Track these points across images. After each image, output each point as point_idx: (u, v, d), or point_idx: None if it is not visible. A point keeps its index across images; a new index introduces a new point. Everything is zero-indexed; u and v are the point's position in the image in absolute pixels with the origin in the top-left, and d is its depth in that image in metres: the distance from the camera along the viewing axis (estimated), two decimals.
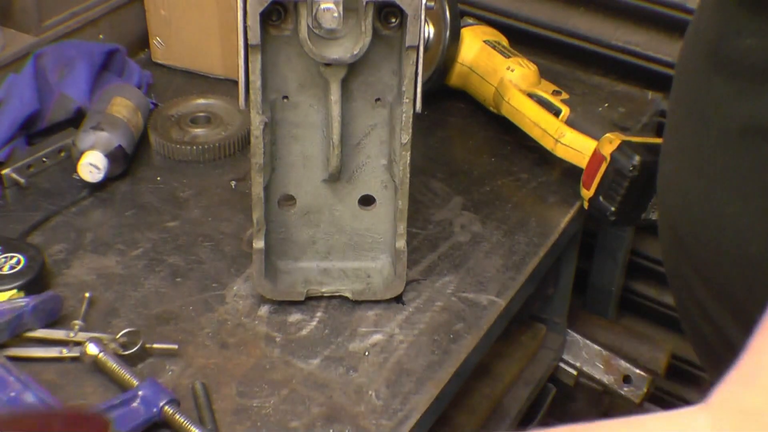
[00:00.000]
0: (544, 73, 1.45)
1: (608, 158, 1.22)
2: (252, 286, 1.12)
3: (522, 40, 1.59)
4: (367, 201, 1.12)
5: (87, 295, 1.09)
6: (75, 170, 1.27)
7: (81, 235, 1.22)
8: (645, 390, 1.59)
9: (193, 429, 0.94)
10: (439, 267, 1.20)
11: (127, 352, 1.03)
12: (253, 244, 1.08)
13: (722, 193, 0.74)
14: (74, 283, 1.14)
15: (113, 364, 1.00)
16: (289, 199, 1.11)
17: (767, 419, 0.50)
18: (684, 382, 1.76)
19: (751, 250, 0.71)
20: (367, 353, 1.07)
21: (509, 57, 1.43)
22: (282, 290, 1.11)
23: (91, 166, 1.26)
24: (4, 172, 1.28)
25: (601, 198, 1.25)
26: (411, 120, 1.02)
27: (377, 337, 1.09)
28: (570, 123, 1.32)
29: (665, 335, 1.73)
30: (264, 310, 1.12)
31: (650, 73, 1.57)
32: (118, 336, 1.04)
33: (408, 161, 1.05)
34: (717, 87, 0.74)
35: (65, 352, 1.03)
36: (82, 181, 1.27)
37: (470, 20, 1.53)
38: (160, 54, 1.58)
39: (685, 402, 1.78)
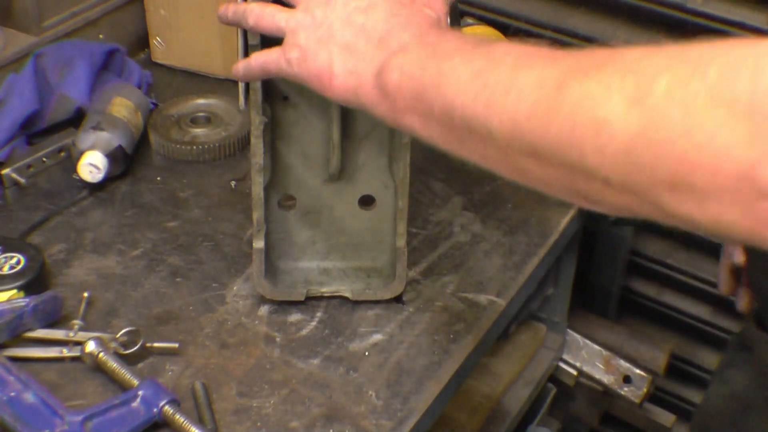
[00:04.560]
0: None
1: None
2: (252, 286, 1.12)
3: (522, 40, 1.59)
4: (367, 201, 1.12)
5: (85, 294, 1.09)
6: (75, 170, 1.27)
7: (81, 235, 1.22)
8: (645, 390, 1.59)
9: (193, 429, 0.94)
10: (439, 267, 1.20)
11: (127, 351, 1.03)
12: (253, 244, 1.08)
13: None
14: (74, 283, 1.14)
15: (113, 364, 1.00)
16: (289, 199, 1.11)
17: None
18: (684, 382, 1.76)
19: None
20: (367, 353, 1.07)
21: None
22: (282, 290, 1.11)
23: (91, 166, 1.26)
24: (4, 172, 1.28)
25: None
26: None
27: (377, 337, 1.09)
28: None
29: (665, 335, 1.73)
30: (264, 310, 1.12)
31: None
32: (118, 335, 1.04)
33: (408, 161, 1.05)
34: None
35: (65, 352, 1.03)
36: (82, 181, 1.27)
37: (470, 20, 1.53)
38: (160, 54, 1.58)
39: (686, 402, 1.78)
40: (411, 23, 0.80)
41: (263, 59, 0.90)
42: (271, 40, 0.94)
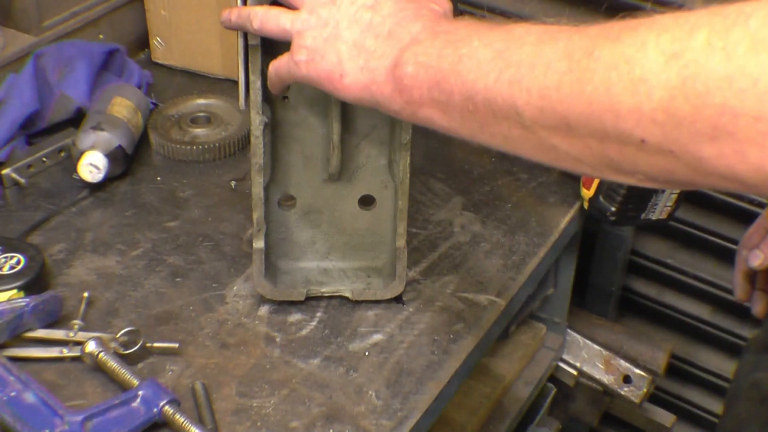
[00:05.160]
0: None
1: None
2: (252, 286, 1.12)
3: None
4: (367, 201, 1.12)
5: (85, 294, 1.09)
6: (75, 170, 1.27)
7: (81, 235, 1.22)
8: (645, 390, 1.59)
9: (193, 429, 0.94)
10: (439, 267, 1.20)
11: (127, 351, 1.03)
12: (253, 244, 1.08)
13: None
14: (74, 283, 1.14)
15: (113, 364, 1.00)
16: (289, 199, 1.11)
17: None
18: (684, 382, 1.76)
19: None
20: (367, 353, 1.07)
21: None
22: (282, 290, 1.11)
23: (91, 166, 1.26)
24: (4, 172, 1.28)
25: (601, 198, 1.25)
26: None
27: (377, 337, 1.09)
28: None
29: (665, 335, 1.73)
30: (264, 310, 1.12)
31: None
32: (118, 335, 1.04)
33: (408, 161, 1.05)
34: None
35: (65, 352, 1.03)
36: (82, 181, 1.27)
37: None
38: (160, 54, 1.58)
39: (686, 402, 1.78)
40: (419, 16, 0.80)
41: (276, 65, 0.90)
42: (272, 40, 0.95)
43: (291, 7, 0.88)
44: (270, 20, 0.88)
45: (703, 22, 0.55)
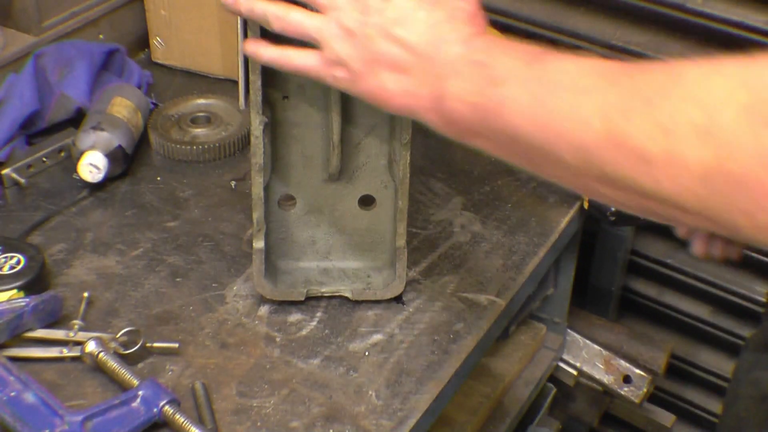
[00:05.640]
0: None
1: None
2: (252, 286, 1.12)
3: (522, 40, 1.58)
4: (367, 201, 1.12)
5: (85, 294, 1.09)
6: (75, 170, 1.27)
7: (81, 235, 1.22)
8: (645, 390, 1.59)
9: (193, 429, 0.94)
10: (439, 267, 1.20)
11: (127, 351, 1.03)
12: (253, 244, 1.08)
13: None
14: (74, 283, 1.14)
15: (113, 364, 1.00)
16: (289, 199, 1.11)
17: None
18: (684, 382, 1.76)
19: None
20: (367, 353, 1.07)
21: None
22: (282, 290, 1.11)
23: (91, 166, 1.26)
24: (4, 172, 1.28)
25: None
26: (411, 119, 1.02)
27: (377, 337, 1.09)
28: None
29: (665, 335, 1.73)
30: (264, 310, 1.12)
31: None
32: (118, 335, 1.04)
33: (408, 161, 1.05)
34: None
35: (65, 352, 1.03)
36: (82, 181, 1.27)
37: None
38: (160, 54, 1.58)
39: (686, 402, 1.78)
40: (453, 29, 0.79)
41: (302, 63, 0.87)
42: (272, 37, 0.95)
43: (310, 8, 0.86)
44: (293, 24, 0.86)
45: (730, 95, 0.57)
